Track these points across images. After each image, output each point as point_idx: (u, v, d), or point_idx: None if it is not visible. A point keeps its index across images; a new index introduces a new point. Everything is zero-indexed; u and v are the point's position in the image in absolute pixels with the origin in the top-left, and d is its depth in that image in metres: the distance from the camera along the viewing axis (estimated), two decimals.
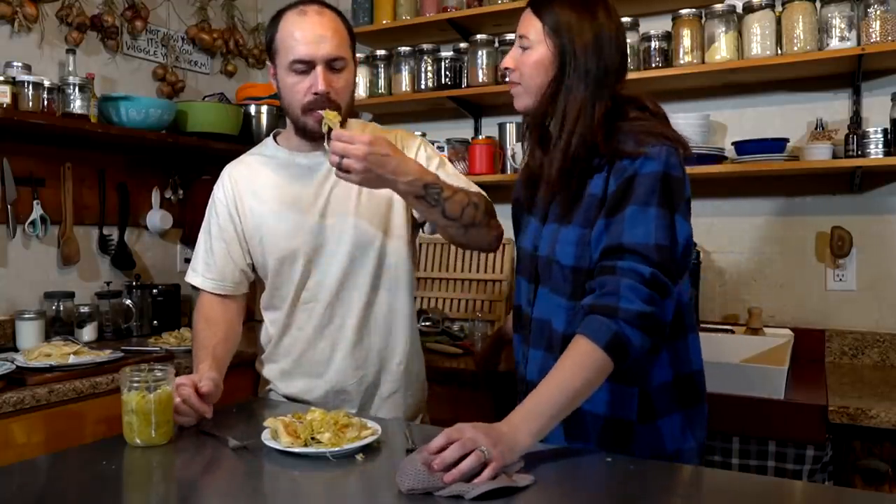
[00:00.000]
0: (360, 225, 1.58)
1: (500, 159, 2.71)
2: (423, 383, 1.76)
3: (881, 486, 1.72)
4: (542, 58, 1.31)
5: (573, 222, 1.28)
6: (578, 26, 1.29)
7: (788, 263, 2.44)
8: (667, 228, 1.19)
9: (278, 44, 1.52)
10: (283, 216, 1.58)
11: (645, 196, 1.20)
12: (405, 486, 1.02)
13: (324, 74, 1.48)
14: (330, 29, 1.50)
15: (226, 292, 1.63)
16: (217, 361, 1.52)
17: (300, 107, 1.52)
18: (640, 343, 1.14)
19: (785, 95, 2.44)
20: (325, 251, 1.58)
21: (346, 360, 1.60)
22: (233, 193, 1.62)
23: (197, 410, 1.35)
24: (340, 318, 1.60)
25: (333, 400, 1.61)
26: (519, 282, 1.44)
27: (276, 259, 1.59)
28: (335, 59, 1.50)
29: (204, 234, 1.66)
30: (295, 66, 1.49)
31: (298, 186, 1.59)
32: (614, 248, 1.19)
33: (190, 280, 1.67)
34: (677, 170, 1.23)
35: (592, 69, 1.28)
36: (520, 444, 1.09)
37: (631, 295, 1.14)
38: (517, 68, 1.34)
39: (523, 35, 1.34)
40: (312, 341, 1.61)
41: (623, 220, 1.20)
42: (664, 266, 1.17)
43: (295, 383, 1.64)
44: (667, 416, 1.29)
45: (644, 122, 1.28)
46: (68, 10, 2.60)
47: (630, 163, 1.22)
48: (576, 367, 1.14)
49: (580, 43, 1.28)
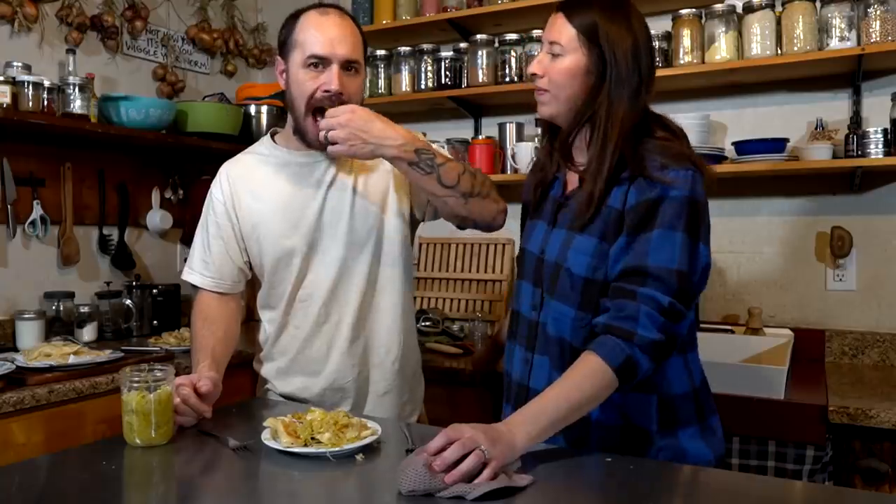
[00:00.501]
0: (356, 224, 1.59)
1: (500, 159, 2.71)
2: (419, 382, 1.76)
3: (881, 486, 1.72)
4: (575, 65, 1.27)
5: (589, 232, 1.26)
6: (617, 32, 1.26)
7: (788, 263, 2.44)
8: (689, 254, 1.19)
9: (295, 39, 1.53)
10: (280, 215, 1.59)
11: (671, 220, 1.19)
12: (406, 488, 1.02)
13: (339, 74, 1.50)
14: (349, 32, 1.53)
15: (224, 290, 1.64)
16: (216, 361, 1.52)
17: (306, 104, 1.52)
18: (647, 368, 1.17)
19: (785, 95, 2.44)
20: (321, 249, 1.59)
21: (342, 358, 1.61)
22: (230, 192, 1.63)
23: (196, 410, 1.35)
24: (337, 315, 1.60)
25: (330, 398, 1.61)
26: (521, 285, 1.41)
27: (272, 258, 1.60)
28: (351, 61, 1.52)
29: (201, 232, 1.67)
30: (311, 60, 1.50)
31: (295, 185, 1.60)
32: (637, 271, 1.18)
33: (187, 278, 1.67)
34: (702, 195, 1.23)
35: (632, 78, 1.25)
36: (518, 445, 1.09)
37: (648, 323, 1.15)
38: (546, 74, 1.31)
39: (555, 41, 1.29)
40: (309, 339, 1.62)
41: (648, 242, 1.19)
42: (682, 292, 1.18)
43: (292, 381, 1.64)
44: (668, 430, 1.28)
45: (670, 144, 1.26)
46: (68, 10, 2.60)
47: (655, 183, 1.21)
48: (584, 381, 1.15)
49: (620, 50, 1.25)
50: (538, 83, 1.33)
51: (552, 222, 1.36)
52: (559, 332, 1.29)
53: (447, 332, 2.64)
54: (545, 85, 1.31)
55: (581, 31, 1.27)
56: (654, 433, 1.27)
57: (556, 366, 1.29)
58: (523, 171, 2.59)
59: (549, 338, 1.31)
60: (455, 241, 2.93)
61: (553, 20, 1.31)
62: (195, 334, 1.60)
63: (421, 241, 2.98)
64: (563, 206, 1.35)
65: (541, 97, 1.34)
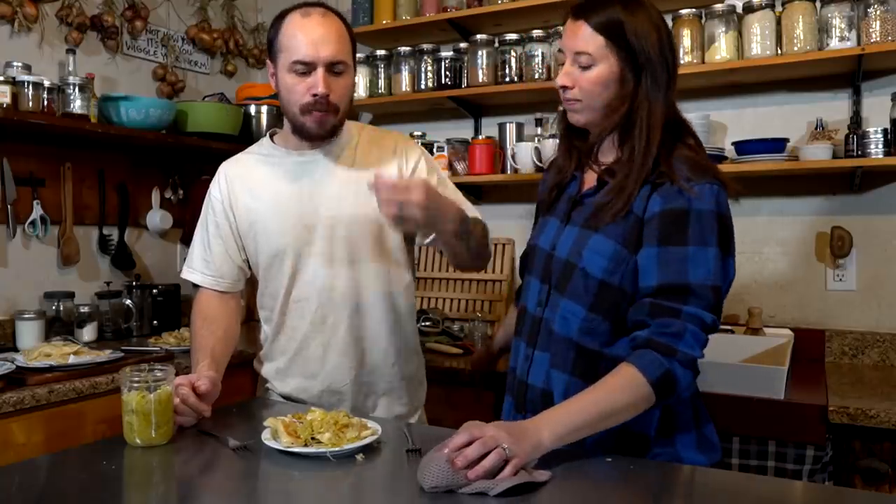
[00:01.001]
0: (354, 226, 1.59)
1: (500, 159, 2.71)
2: (419, 384, 1.76)
3: (881, 485, 1.72)
4: (608, 74, 1.24)
5: (606, 233, 1.25)
6: (643, 27, 1.23)
7: (788, 263, 2.44)
8: (721, 269, 1.20)
9: (280, 44, 1.52)
10: (276, 214, 1.59)
11: (704, 235, 1.19)
12: (428, 485, 1.03)
13: (324, 77, 1.48)
14: (333, 32, 1.50)
15: (224, 289, 1.64)
16: (215, 360, 1.52)
17: (298, 107, 1.52)
18: (688, 382, 1.17)
19: (785, 95, 2.44)
20: (314, 250, 1.58)
21: (339, 360, 1.61)
22: (228, 191, 1.64)
23: (195, 410, 1.35)
24: (333, 317, 1.60)
25: (329, 399, 1.61)
26: (529, 282, 1.40)
27: (266, 256, 1.61)
28: (336, 62, 1.50)
29: (201, 231, 1.67)
30: (296, 66, 1.48)
31: (293, 185, 1.60)
32: (678, 289, 1.18)
33: (187, 277, 1.67)
34: (727, 209, 1.23)
35: (663, 74, 1.25)
36: (544, 443, 1.10)
37: (692, 340, 1.16)
38: (576, 85, 1.27)
39: (581, 51, 1.25)
40: (306, 340, 1.61)
41: (686, 258, 1.18)
42: (718, 307, 1.19)
43: (290, 381, 1.64)
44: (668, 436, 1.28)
45: (697, 155, 1.26)
46: (68, 10, 2.60)
47: (682, 193, 1.20)
48: (616, 390, 1.15)
49: (650, 45, 1.23)
50: (568, 94, 1.29)
51: (566, 220, 1.35)
52: (566, 330, 1.28)
53: (447, 332, 2.64)
54: (576, 95, 1.28)
55: (608, 36, 1.23)
56: (652, 439, 1.26)
57: (556, 363, 1.29)
58: (523, 171, 2.59)
59: (552, 335, 1.30)
60: None
61: (574, 28, 1.26)
62: (195, 333, 1.60)
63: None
64: (579, 205, 1.34)
65: (572, 106, 1.30)
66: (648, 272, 1.21)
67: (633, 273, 1.23)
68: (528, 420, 1.14)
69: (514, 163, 2.63)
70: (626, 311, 1.24)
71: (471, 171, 2.70)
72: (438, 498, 1.02)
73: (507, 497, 1.01)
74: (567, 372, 1.28)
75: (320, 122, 1.52)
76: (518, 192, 2.79)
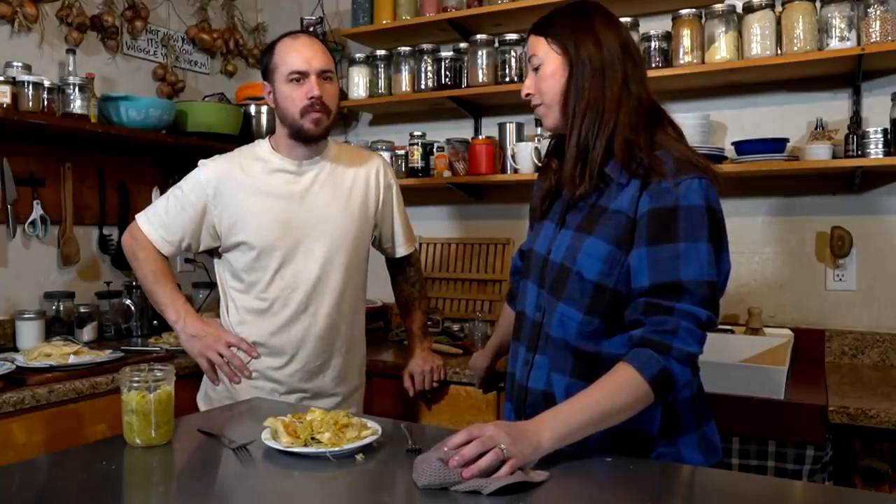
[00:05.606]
0: (339, 225, 1.86)
1: (500, 159, 2.71)
2: (362, 374, 2.05)
3: (881, 485, 1.72)
4: (553, 69, 1.32)
5: (599, 235, 1.26)
6: (572, 27, 1.32)
7: (788, 263, 2.44)
8: (714, 264, 1.20)
9: (275, 63, 1.79)
10: (266, 211, 1.80)
11: (694, 231, 1.19)
12: (422, 482, 1.04)
13: (317, 82, 1.76)
14: (319, 49, 1.81)
15: (166, 253, 1.83)
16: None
17: (298, 111, 1.76)
18: (685, 379, 1.17)
19: (785, 95, 2.44)
20: (302, 248, 1.82)
21: (315, 344, 1.85)
22: (216, 181, 1.81)
23: (248, 353, 1.67)
24: (315, 307, 1.84)
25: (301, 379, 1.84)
26: (526, 286, 1.40)
27: (256, 249, 1.80)
28: (325, 70, 1.79)
29: (174, 199, 1.83)
30: (292, 76, 1.76)
31: (285, 187, 1.82)
32: (670, 287, 1.18)
33: (140, 224, 1.84)
34: (717, 203, 1.24)
35: (596, 61, 1.28)
36: (544, 444, 1.10)
37: (688, 337, 1.16)
38: (535, 90, 1.35)
39: (532, 55, 1.35)
40: (287, 326, 1.83)
41: (677, 255, 1.19)
42: (713, 302, 1.20)
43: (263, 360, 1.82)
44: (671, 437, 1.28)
45: (682, 148, 1.27)
46: (68, 10, 2.60)
47: (670, 191, 1.21)
48: (615, 391, 1.15)
49: (581, 42, 1.30)
50: (532, 101, 1.37)
51: (560, 223, 1.36)
52: (563, 334, 1.29)
53: (447, 332, 2.64)
54: (537, 100, 1.36)
55: (547, 35, 1.34)
56: (656, 438, 1.26)
57: (555, 367, 1.29)
58: (523, 171, 2.59)
59: (550, 339, 1.31)
60: (455, 241, 2.93)
61: (529, 41, 1.38)
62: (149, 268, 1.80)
63: (421, 241, 2.98)
64: (572, 207, 1.34)
65: (538, 112, 1.38)
66: (641, 272, 1.21)
67: (628, 274, 1.23)
68: (528, 421, 1.14)
69: (514, 163, 2.64)
70: (622, 313, 1.24)
71: (471, 171, 2.70)
72: (438, 498, 1.02)
73: (501, 496, 1.01)
74: (567, 375, 1.28)
75: (317, 122, 1.77)
76: (518, 192, 2.79)
